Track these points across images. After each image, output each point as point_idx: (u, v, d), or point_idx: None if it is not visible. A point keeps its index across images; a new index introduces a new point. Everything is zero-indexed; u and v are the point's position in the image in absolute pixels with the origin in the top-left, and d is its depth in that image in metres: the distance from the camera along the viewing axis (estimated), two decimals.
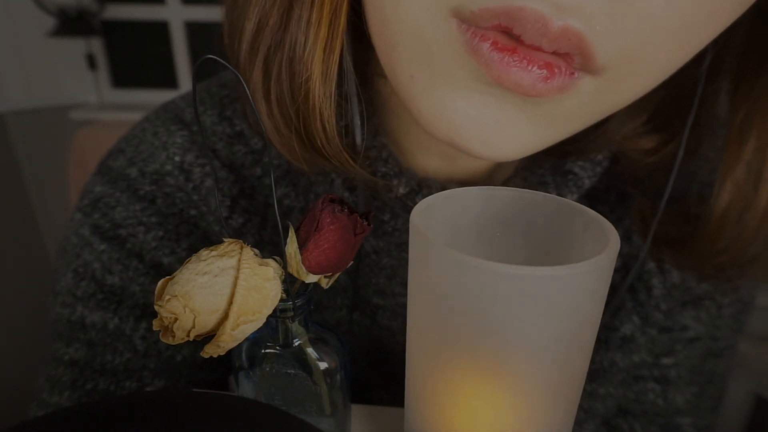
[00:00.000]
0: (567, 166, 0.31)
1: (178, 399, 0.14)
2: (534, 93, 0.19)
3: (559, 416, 0.20)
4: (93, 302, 0.33)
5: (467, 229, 0.22)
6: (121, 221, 0.33)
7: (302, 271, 0.22)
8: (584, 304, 0.17)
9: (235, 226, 0.34)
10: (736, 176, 0.27)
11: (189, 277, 0.19)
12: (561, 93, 0.20)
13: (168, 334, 0.20)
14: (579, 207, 0.20)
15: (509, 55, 0.19)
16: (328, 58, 0.25)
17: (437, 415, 0.20)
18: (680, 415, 0.37)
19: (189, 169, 0.33)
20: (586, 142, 0.31)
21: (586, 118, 0.22)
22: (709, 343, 0.37)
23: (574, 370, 0.19)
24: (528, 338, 0.17)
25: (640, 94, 0.22)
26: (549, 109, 0.21)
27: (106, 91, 1.83)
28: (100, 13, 1.69)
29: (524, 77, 0.19)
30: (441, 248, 0.17)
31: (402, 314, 0.35)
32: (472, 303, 0.17)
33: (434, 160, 0.33)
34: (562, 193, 0.31)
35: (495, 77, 0.19)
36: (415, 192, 0.30)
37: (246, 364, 0.25)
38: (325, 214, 0.21)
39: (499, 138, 0.22)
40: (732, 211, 0.28)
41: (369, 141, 0.30)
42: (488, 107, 0.21)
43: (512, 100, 0.21)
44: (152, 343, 0.33)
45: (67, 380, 0.33)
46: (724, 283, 0.34)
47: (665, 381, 0.36)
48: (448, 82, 0.21)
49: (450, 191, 0.21)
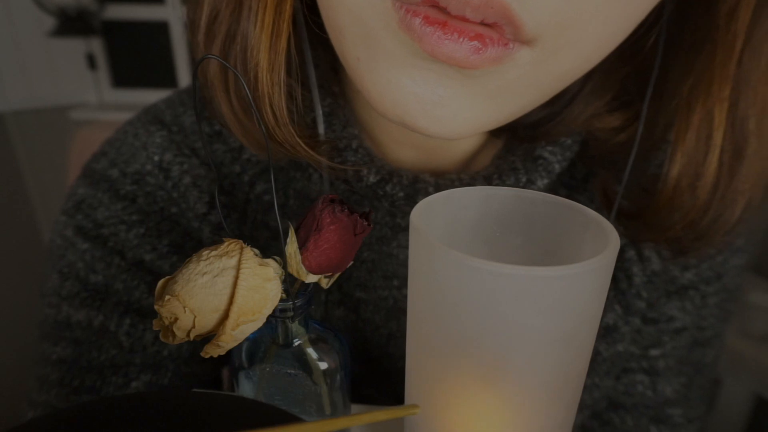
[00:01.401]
0: (537, 152, 0.32)
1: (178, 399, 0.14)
2: (468, 65, 0.20)
3: (559, 416, 0.20)
4: (77, 301, 0.33)
5: (467, 229, 0.22)
6: (103, 221, 0.34)
7: (302, 271, 0.22)
8: (584, 304, 0.17)
9: (215, 221, 0.34)
10: (686, 145, 0.27)
11: (189, 277, 0.19)
12: (496, 64, 0.20)
13: (168, 334, 0.20)
14: (579, 207, 0.20)
15: (440, 28, 0.19)
16: (274, 46, 0.26)
17: (437, 415, 0.20)
18: (670, 406, 0.37)
19: (168, 167, 0.34)
20: (554, 124, 0.31)
21: (530, 91, 0.23)
22: (695, 333, 0.37)
23: (573, 369, 0.19)
24: (528, 338, 0.17)
25: (584, 65, 0.22)
26: (489, 82, 0.21)
27: (106, 91, 1.83)
28: (100, 13, 1.69)
29: (456, 50, 0.19)
30: (441, 248, 0.17)
31: (384, 307, 0.36)
32: (472, 303, 0.17)
33: (409, 151, 0.33)
34: (533, 179, 0.31)
35: (429, 51, 0.20)
36: (386, 181, 0.31)
37: (246, 364, 0.25)
38: (325, 214, 0.21)
39: (443, 113, 0.22)
40: (684, 180, 0.28)
41: (339, 132, 0.31)
42: (430, 83, 0.21)
43: (452, 74, 0.21)
44: (137, 339, 0.33)
45: (55, 378, 0.33)
46: (681, 256, 0.34)
47: (654, 372, 0.36)
48: (390, 61, 0.22)
49: (450, 191, 0.21)
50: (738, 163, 0.28)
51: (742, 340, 1.13)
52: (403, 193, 0.31)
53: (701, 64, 0.27)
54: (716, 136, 0.27)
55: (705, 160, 0.27)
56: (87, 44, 1.74)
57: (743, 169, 0.28)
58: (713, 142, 0.27)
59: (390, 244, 0.34)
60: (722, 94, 0.26)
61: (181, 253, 0.34)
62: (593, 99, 0.31)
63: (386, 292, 0.35)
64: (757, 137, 0.27)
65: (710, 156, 0.27)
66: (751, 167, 0.28)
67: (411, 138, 0.32)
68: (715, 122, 0.27)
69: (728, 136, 0.27)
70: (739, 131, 0.27)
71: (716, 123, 0.27)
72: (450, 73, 0.21)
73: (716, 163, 0.27)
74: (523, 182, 0.31)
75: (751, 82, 0.26)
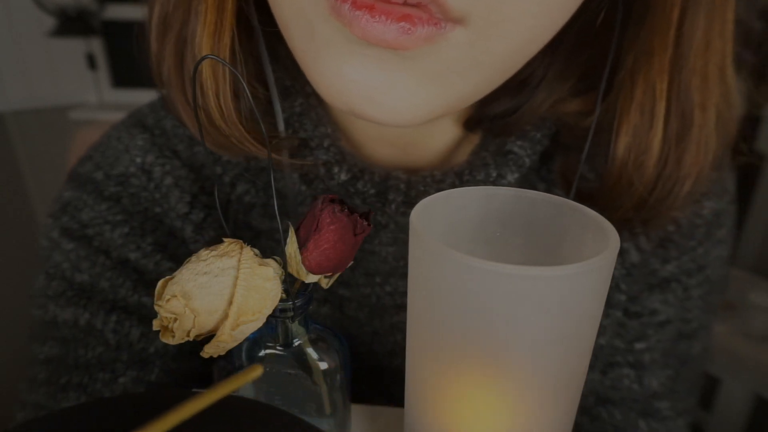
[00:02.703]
0: (507, 147, 0.32)
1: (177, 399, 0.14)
2: (399, 46, 0.20)
3: (559, 415, 0.20)
4: (63, 300, 0.34)
5: (467, 229, 0.22)
6: (88, 221, 0.34)
7: (302, 271, 0.22)
8: (584, 304, 0.17)
9: (196, 221, 0.35)
10: (630, 120, 0.27)
11: (189, 277, 0.19)
12: (429, 44, 0.20)
13: (168, 333, 0.20)
14: (579, 207, 0.20)
15: (368, 12, 0.20)
16: (217, 44, 0.26)
17: (437, 415, 0.20)
18: (657, 399, 0.37)
19: (150, 169, 0.35)
20: (521, 113, 0.31)
21: (472, 72, 0.23)
22: (680, 326, 0.37)
23: (573, 369, 0.19)
24: (528, 338, 0.17)
25: (527, 45, 0.22)
26: (428, 64, 0.21)
27: (106, 91, 1.83)
28: (100, 13, 1.69)
29: (385, 31, 0.20)
30: (441, 248, 0.17)
31: (367, 305, 0.36)
32: (472, 303, 0.17)
33: (384, 148, 0.34)
34: (503, 173, 0.32)
35: (360, 35, 0.20)
36: (357, 178, 0.31)
37: (246, 364, 0.25)
38: (324, 214, 0.21)
39: (387, 99, 0.22)
40: (631, 155, 0.28)
41: (311, 131, 0.31)
42: (369, 69, 0.22)
43: (389, 58, 0.21)
44: (123, 336, 0.33)
45: (43, 377, 0.33)
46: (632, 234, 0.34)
47: (640, 366, 0.36)
48: (330, 50, 0.22)
49: (450, 191, 0.21)
50: (684, 137, 0.27)
51: (742, 340, 1.12)
52: (374, 190, 0.32)
53: (642, 37, 0.27)
54: (659, 109, 0.27)
55: (649, 135, 0.27)
56: (87, 44, 1.74)
57: (690, 142, 0.27)
58: (656, 115, 0.27)
59: (372, 242, 0.34)
60: (663, 65, 0.26)
61: (164, 252, 0.35)
62: (557, 84, 0.31)
63: (369, 290, 0.35)
64: (702, 109, 0.27)
65: (654, 130, 0.27)
66: (698, 141, 0.28)
67: (384, 135, 0.33)
68: (657, 94, 0.27)
69: (673, 108, 0.27)
70: (682, 103, 0.27)
71: (658, 95, 0.27)
72: (386, 57, 0.21)
73: (660, 136, 0.27)
74: (494, 177, 0.31)
75: (691, 53, 0.26)
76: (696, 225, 0.35)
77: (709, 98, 0.27)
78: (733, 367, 1.14)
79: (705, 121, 0.27)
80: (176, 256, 0.35)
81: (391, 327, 0.36)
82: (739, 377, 1.14)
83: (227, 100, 0.28)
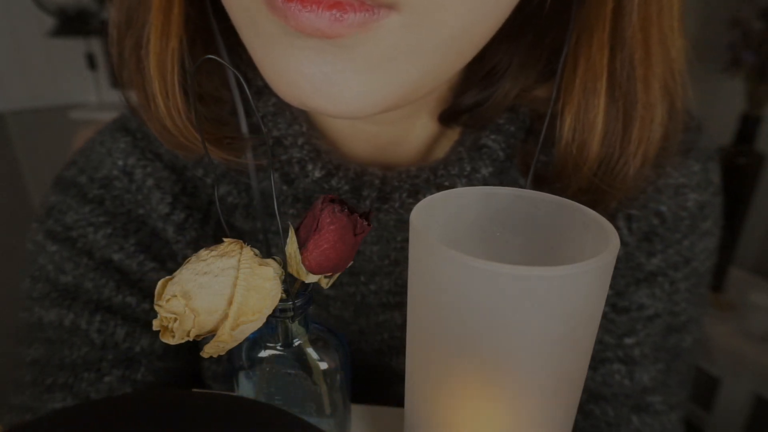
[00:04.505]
0: (482, 141, 0.32)
1: (177, 399, 0.14)
2: (334, 34, 0.20)
3: (559, 415, 0.20)
4: (48, 301, 0.34)
5: (467, 229, 0.22)
6: (72, 224, 0.35)
7: (302, 271, 0.22)
8: (584, 304, 0.17)
9: (177, 221, 0.35)
10: (574, 99, 0.27)
11: (189, 276, 0.19)
12: (364, 30, 0.21)
13: (168, 333, 0.20)
14: (579, 207, 0.20)
15: (299, 2, 0.20)
16: (164, 48, 0.27)
17: (437, 415, 0.20)
18: (649, 394, 0.36)
19: (131, 171, 0.35)
20: (490, 104, 0.32)
21: (414, 60, 0.23)
22: (669, 319, 0.36)
23: (573, 369, 0.19)
24: (528, 338, 0.17)
25: (469, 30, 0.22)
26: (367, 53, 0.22)
27: (105, 91, 1.83)
28: (100, 13, 1.69)
29: (317, 20, 0.20)
30: (441, 248, 0.17)
31: (352, 303, 0.36)
32: (472, 303, 0.17)
33: (361, 146, 0.34)
34: (477, 167, 0.32)
35: (295, 26, 0.20)
36: (331, 174, 0.32)
37: (246, 364, 0.25)
38: (324, 214, 0.21)
39: (334, 90, 0.22)
40: (576, 135, 0.28)
41: (285, 130, 0.32)
42: (312, 60, 0.22)
43: (327, 48, 0.22)
44: (108, 335, 0.33)
45: (29, 379, 0.33)
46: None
47: (630, 361, 0.36)
48: (274, 45, 0.22)
49: (449, 191, 0.21)
50: (628, 114, 0.27)
51: (742, 340, 1.13)
52: (348, 186, 0.32)
53: (583, 15, 0.27)
54: (600, 86, 0.27)
55: (592, 113, 0.27)
56: (87, 44, 1.74)
57: (634, 119, 0.27)
58: (598, 93, 0.27)
59: None
60: (602, 41, 0.26)
61: (148, 252, 0.35)
62: (523, 72, 0.31)
63: (353, 288, 0.36)
64: (645, 85, 0.27)
65: (597, 108, 0.27)
66: (643, 117, 0.27)
67: (358, 132, 0.33)
68: (598, 72, 0.27)
69: (614, 85, 0.27)
70: (624, 80, 0.27)
71: (598, 72, 0.27)
72: (325, 47, 0.21)
73: (603, 115, 0.27)
74: (468, 171, 0.32)
75: (629, 29, 0.26)
76: (680, 218, 0.35)
77: (653, 74, 0.27)
78: (733, 367, 1.14)
79: (649, 98, 0.27)
80: (160, 257, 0.35)
81: (377, 326, 0.36)
82: (739, 377, 1.14)
83: (176, 101, 0.28)
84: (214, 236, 0.36)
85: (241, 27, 0.24)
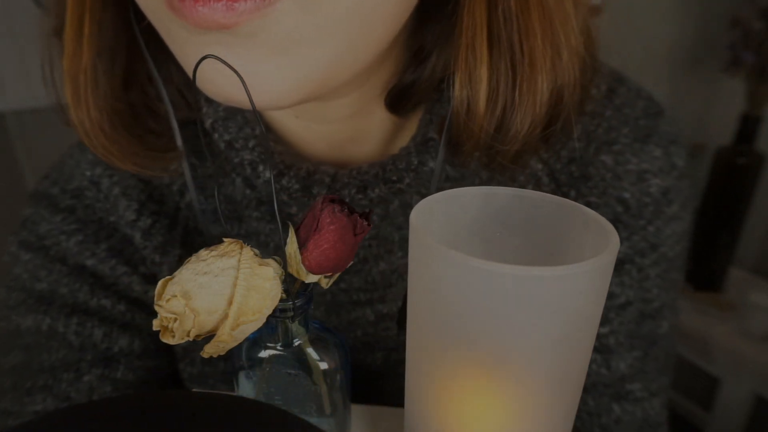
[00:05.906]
0: (429, 134, 0.32)
1: (177, 399, 0.14)
2: (230, 23, 0.21)
3: (559, 415, 0.20)
4: (24, 308, 0.34)
5: (467, 229, 0.22)
6: (45, 233, 0.36)
7: (302, 271, 0.22)
8: (584, 304, 0.17)
9: (144, 227, 0.36)
10: (460, 55, 0.27)
11: (189, 276, 0.19)
12: (260, 16, 0.21)
13: (168, 333, 0.20)
14: (579, 207, 0.20)
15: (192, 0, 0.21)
16: (75, 65, 0.28)
17: (437, 415, 0.20)
18: (628, 382, 0.36)
19: (98, 180, 0.36)
20: (421, 83, 0.31)
21: (318, 39, 0.23)
22: (641, 306, 0.36)
23: (573, 369, 0.19)
24: (528, 338, 0.17)
25: (363, 8, 0.22)
26: (268, 38, 0.22)
27: None
28: None
29: (213, 13, 0.21)
30: (441, 248, 0.17)
31: (323, 302, 0.36)
32: (472, 303, 0.17)
33: (320, 146, 0.35)
34: (423, 160, 0.32)
35: (194, 23, 0.21)
36: (282, 174, 0.32)
37: (246, 364, 0.25)
38: (324, 214, 0.21)
39: (249, 82, 0.22)
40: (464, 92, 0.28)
41: (235, 133, 0.32)
42: (221, 55, 0.22)
43: (229, 40, 0.22)
44: (86, 337, 0.34)
45: (9, 385, 0.34)
46: None
47: (605, 350, 0.36)
48: (184, 44, 0.23)
49: (449, 191, 0.21)
50: (512, 70, 0.27)
51: (742, 340, 1.13)
52: (299, 185, 0.32)
53: None
54: (480, 41, 0.26)
55: (477, 71, 0.27)
56: None
57: (521, 76, 0.27)
58: (479, 46, 0.27)
59: None
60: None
61: (120, 257, 0.36)
62: (447, 46, 0.31)
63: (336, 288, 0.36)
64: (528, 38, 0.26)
65: (480, 66, 0.27)
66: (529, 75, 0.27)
67: (313, 132, 0.34)
68: (478, 26, 0.26)
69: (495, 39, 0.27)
70: (503, 33, 0.26)
71: (479, 26, 0.26)
72: (227, 39, 0.22)
73: (486, 68, 0.27)
74: (415, 164, 0.32)
75: None
76: (644, 204, 0.35)
77: (532, 26, 0.26)
78: (733, 367, 1.14)
79: (533, 53, 0.27)
80: (132, 261, 0.36)
81: (349, 323, 0.36)
82: (739, 377, 1.14)
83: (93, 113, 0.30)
84: (182, 241, 0.37)
85: (159, 31, 0.24)
